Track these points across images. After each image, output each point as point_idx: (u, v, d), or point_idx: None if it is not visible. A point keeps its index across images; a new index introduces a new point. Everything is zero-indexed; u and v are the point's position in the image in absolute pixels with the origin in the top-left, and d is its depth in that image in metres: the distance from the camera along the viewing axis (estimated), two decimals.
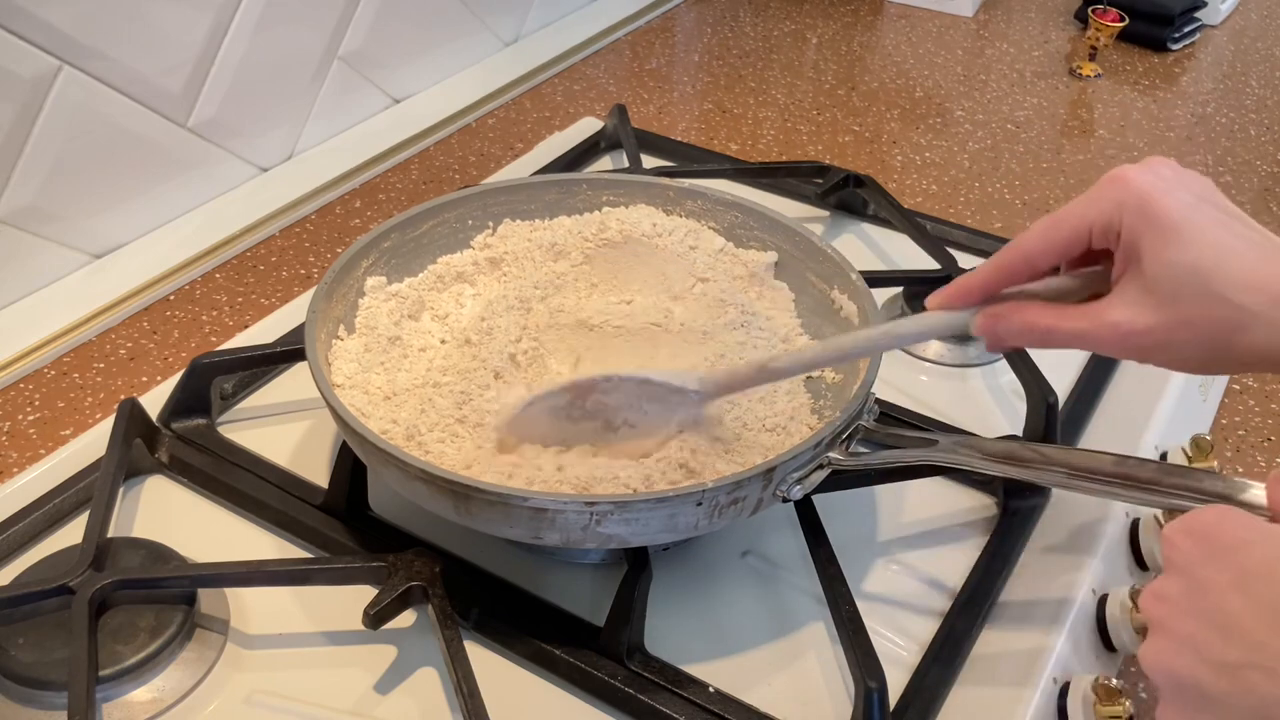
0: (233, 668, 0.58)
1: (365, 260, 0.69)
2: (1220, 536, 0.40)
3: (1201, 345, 0.47)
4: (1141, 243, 0.47)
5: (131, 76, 0.83)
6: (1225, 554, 0.39)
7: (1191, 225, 0.46)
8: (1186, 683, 0.38)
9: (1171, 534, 0.41)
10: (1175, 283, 0.46)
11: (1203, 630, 0.38)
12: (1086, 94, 1.21)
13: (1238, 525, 0.40)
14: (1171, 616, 0.40)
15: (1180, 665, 0.39)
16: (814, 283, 0.72)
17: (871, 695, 0.52)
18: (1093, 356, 0.78)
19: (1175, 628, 0.39)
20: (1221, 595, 0.38)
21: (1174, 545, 0.41)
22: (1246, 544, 0.39)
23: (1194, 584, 0.39)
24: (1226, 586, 0.38)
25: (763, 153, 1.08)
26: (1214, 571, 0.39)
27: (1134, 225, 0.47)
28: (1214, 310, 0.46)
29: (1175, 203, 0.47)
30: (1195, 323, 0.46)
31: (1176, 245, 0.46)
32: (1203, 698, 0.38)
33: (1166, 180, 0.48)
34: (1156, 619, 0.40)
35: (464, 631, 0.58)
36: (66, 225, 0.83)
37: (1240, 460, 0.75)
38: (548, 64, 1.19)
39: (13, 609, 0.57)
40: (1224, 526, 0.40)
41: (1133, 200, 0.47)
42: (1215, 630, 0.38)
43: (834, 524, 0.61)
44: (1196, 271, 0.46)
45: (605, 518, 0.53)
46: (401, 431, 0.61)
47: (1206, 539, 0.40)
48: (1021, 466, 0.55)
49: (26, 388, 0.77)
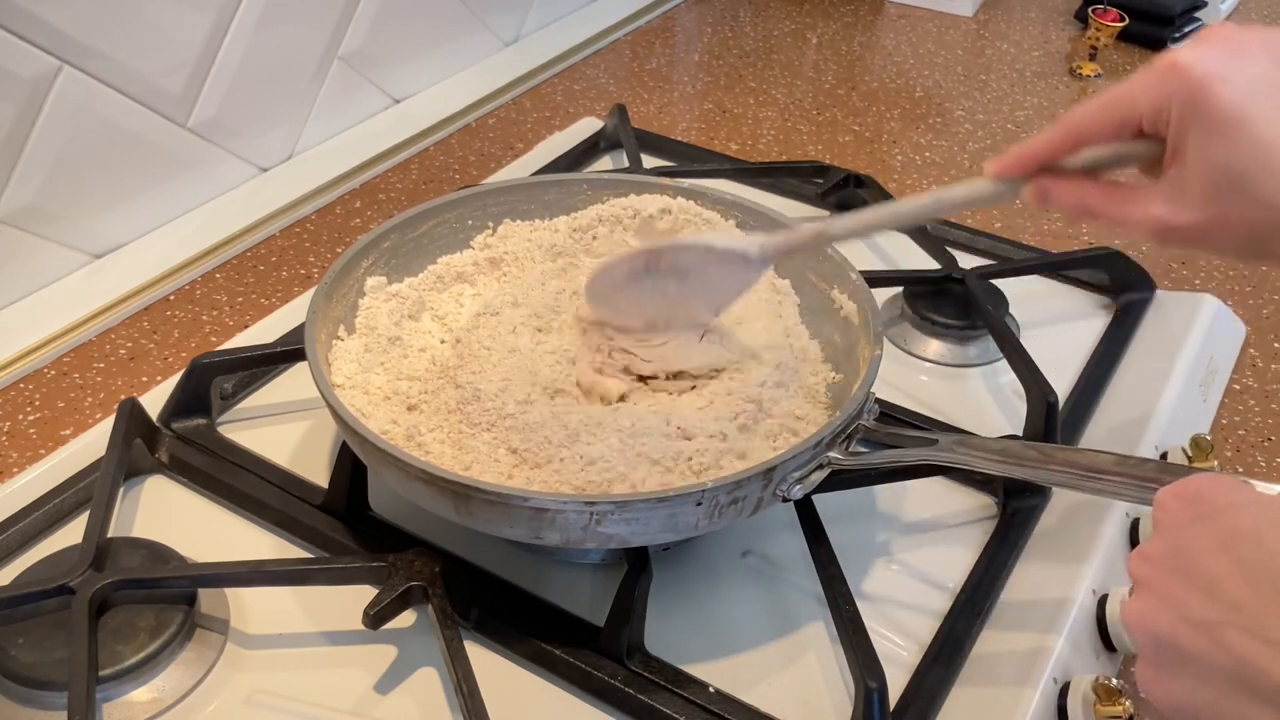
0: (233, 668, 0.58)
1: (365, 260, 0.69)
2: (1211, 499, 0.40)
3: (1240, 242, 0.48)
4: (1189, 137, 0.47)
5: (131, 76, 0.83)
6: (1214, 516, 0.39)
7: (1242, 121, 0.45)
8: (1165, 641, 0.38)
9: (1163, 497, 0.41)
10: (1215, 184, 0.46)
11: (1184, 589, 0.38)
12: (1087, 94, 1.21)
13: (1229, 489, 0.40)
14: (1154, 576, 0.40)
15: (1160, 623, 0.39)
16: (814, 283, 0.72)
17: (871, 695, 0.52)
18: (1093, 356, 0.79)
19: (1157, 586, 0.39)
20: (1205, 555, 0.38)
21: (1164, 508, 0.41)
22: (1235, 507, 0.39)
23: (1179, 544, 0.39)
24: (1211, 547, 0.38)
25: (763, 153, 1.08)
26: (1200, 533, 0.39)
27: (1182, 117, 0.47)
28: (1253, 212, 0.46)
29: (1229, 94, 0.46)
30: (1234, 223, 0.47)
31: (1222, 144, 0.46)
32: (1180, 656, 0.38)
33: (1225, 64, 0.47)
34: (1140, 578, 0.41)
35: (464, 631, 0.58)
36: (66, 225, 0.83)
37: (1240, 460, 0.75)
38: (548, 64, 1.19)
39: (13, 609, 0.57)
40: (1215, 490, 0.40)
41: (1183, 92, 0.47)
42: (1196, 590, 0.38)
43: (834, 524, 0.61)
44: (1238, 173, 0.46)
45: (605, 518, 0.53)
46: (401, 431, 0.61)
47: (1196, 501, 0.40)
48: (1021, 466, 0.55)
49: (26, 388, 0.77)
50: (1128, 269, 0.84)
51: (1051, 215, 0.99)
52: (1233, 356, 0.83)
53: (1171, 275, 0.91)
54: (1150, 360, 0.78)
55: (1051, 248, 0.93)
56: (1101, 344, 0.80)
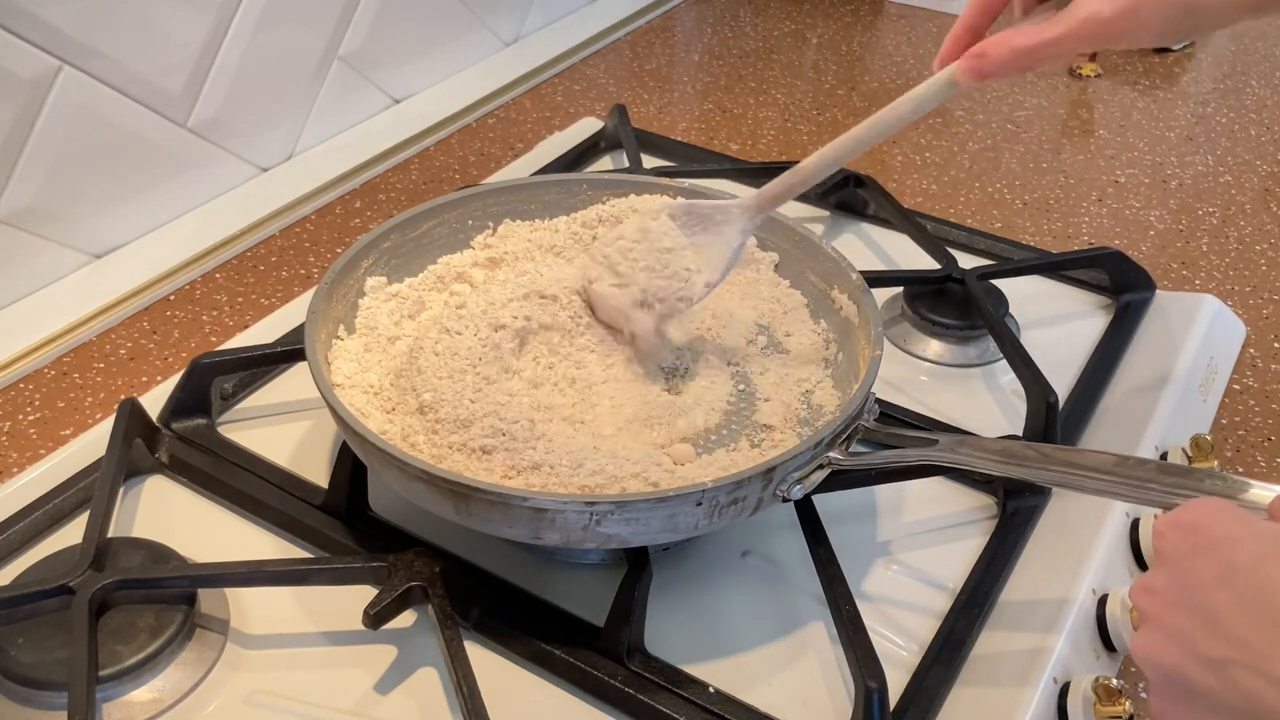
0: (233, 668, 0.58)
1: (365, 260, 0.69)
2: (1208, 530, 0.40)
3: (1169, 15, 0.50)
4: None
5: (131, 76, 0.83)
6: (1212, 548, 0.39)
7: None
8: (1175, 676, 0.39)
9: (1162, 526, 0.42)
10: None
11: (1190, 624, 0.38)
12: (1086, 94, 1.21)
13: (1227, 520, 0.40)
14: (1160, 609, 0.40)
15: (1168, 658, 0.39)
16: (814, 282, 0.72)
17: (871, 695, 0.52)
18: (1092, 356, 0.79)
19: (1164, 620, 0.40)
20: (1207, 590, 0.38)
21: (1163, 538, 0.41)
22: (1233, 539, 0.39)
23: (1181, 577, 0.40)
24: (1213, 581, 0.38)
25: (763, 153, 1.08)
26: (1201, 565, 0.39)
27: None
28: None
29: None
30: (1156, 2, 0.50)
31: None
32: (1191, 691, 0.38)
33: None
34: (1146, 611, 0.41)
35: (464, 631, 0.58)
36: (66, 225, 0.83)
37: (1240, 460, 0.75)
38: (548, 64, 1.19)
39: (13, 609, 0.57)
40: (1213, 521, 0.40)
41: None
42: (1202, 625, 0.38)
43: (834, 524, 0.61)
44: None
45: (605, 518, 0.53)
46: (401, 431, 0.61)
47: (1195, 532, 0.40)
48: (1021, 466, 0.55)
49: (26, 388, 0.77)
50: (1128, 269, 0.84)
51: (1051, 215, 0.99)
52: (1233, 356, 0.83)
53: (1171, 275, 0.91)
54: (1150, 360, 0.78)
55: (1051, 248, 0.93)
56: (1101, 344, 0.80)
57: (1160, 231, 0.97)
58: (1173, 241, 0.96)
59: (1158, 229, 0.98)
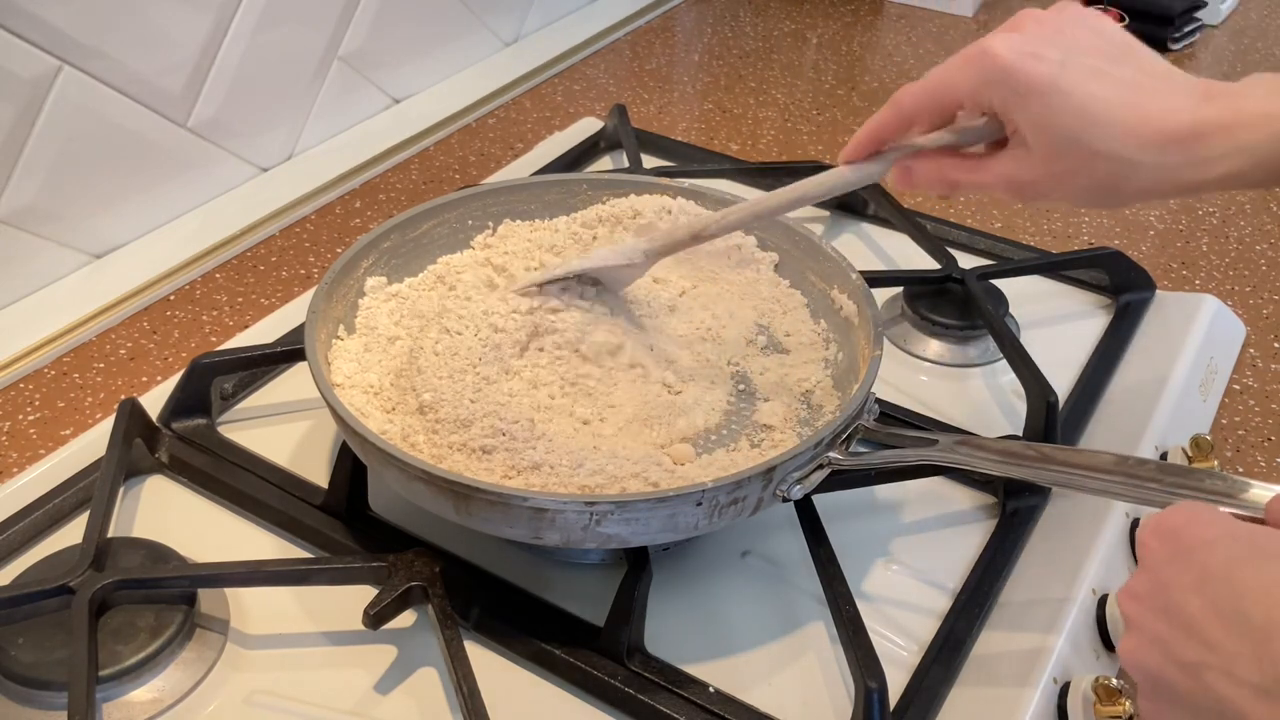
0: (233, 668, 0.58)
1: (365, 260, 0.69)
2: (1186, 537, 0.41)
3: (1091, 190, 0.51)
4: (1014, 113, 0.50)
5: (131, 76, 0.83)
6: (1189, 554, 0.40)
7: (1059, 89, 0.49)
8: (1159, 679, 0.40)
9: (1143, 534, 0.43)
10: (1053, 145, 0.50)
11: (1169, 630, 0.39)
12: None
13: (1204, 524, 0.41)
14: (1141, 614, 0.41)
15: (1151, 662, 0.40)
16: (814, 282, 0.72)
17: (871, 695, 0.52)
18: (1093, 356, 0.79)
19: (1145, 626, 0.41)
20: (1184, 595, 0.39)
21: (1144, 545, 0.42)
22: (1209, 544, 0.40)
23: (1160, 583, 0.40)
24: (1188, 586, 0.39)
25: (763, 153, 1.08)
26: (1177, 572, 0.40)
27: (1002, 98, 0.50)
28: (1096, 164, 0.49)
29: (1042, 70, 0.49)
30: (1079, 173, 0.50)
31: (1045, 112, 0.49)
32: (1173, 693, 0.39)
33: (1032, 42, 0.50)
34: (1130, 617, 0.42)
35: (464, 631, 0.58)
36: (66, 225, 0.83)
37: (1240, 460, 0.75)
38: (548, 64, 1.19)
39: (13, 609, 0.57)
40: (1190, 527, 0.41)
41: (996, 75, 0.50)
42: (1179, 630, 0.39)
43: (834, 524, 0.61)
44: (1070, 133, 0.49)
45: (605, 518, 0.53)
46: (401, 431, 0.61)
47: (1173, 538, 0.41)
48: (1021, 466, 0.55)
49: (26, 388, 0.77)
50: (1128, 269, 0.84)
51: (1051, 216, 0.99)
52: (1233, 356, 0.83)
53: (1171, 275, 0.91)
54: (1150, 360, 0.78)
55: (1051, 248, 0.93)
56: (1101, 344, 0.80)
57: (1160, 231, 0.97)
58: (1173, 241, 0.96)
59: (1157, 229, 0.98)
